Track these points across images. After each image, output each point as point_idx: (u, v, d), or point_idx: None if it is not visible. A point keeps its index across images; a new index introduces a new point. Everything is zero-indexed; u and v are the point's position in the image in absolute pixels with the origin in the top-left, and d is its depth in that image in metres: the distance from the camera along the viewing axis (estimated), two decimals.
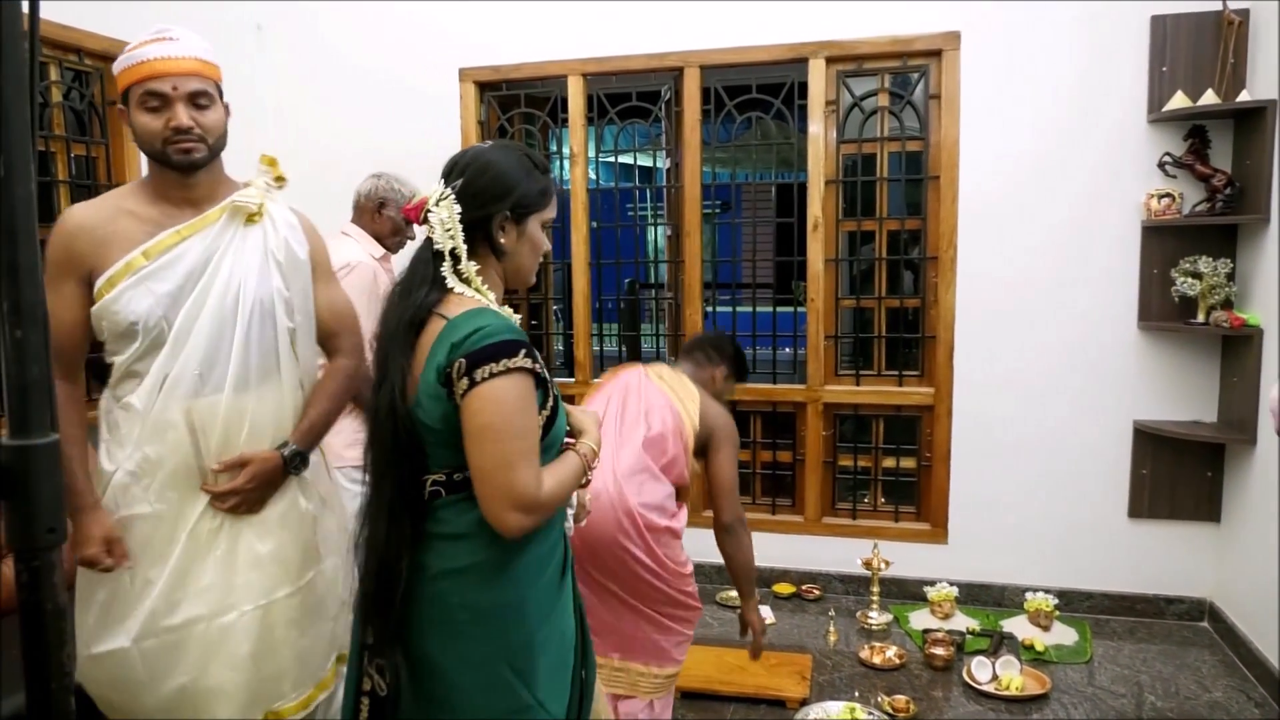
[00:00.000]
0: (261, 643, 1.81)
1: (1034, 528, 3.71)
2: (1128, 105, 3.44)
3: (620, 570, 2.40)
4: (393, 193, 3.12)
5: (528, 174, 1.55)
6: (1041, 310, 3.60)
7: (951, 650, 3.25)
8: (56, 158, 3.30)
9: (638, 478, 2.41)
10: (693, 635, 2.62)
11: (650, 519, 2.39)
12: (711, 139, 3.95)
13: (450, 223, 1.49)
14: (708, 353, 2.79)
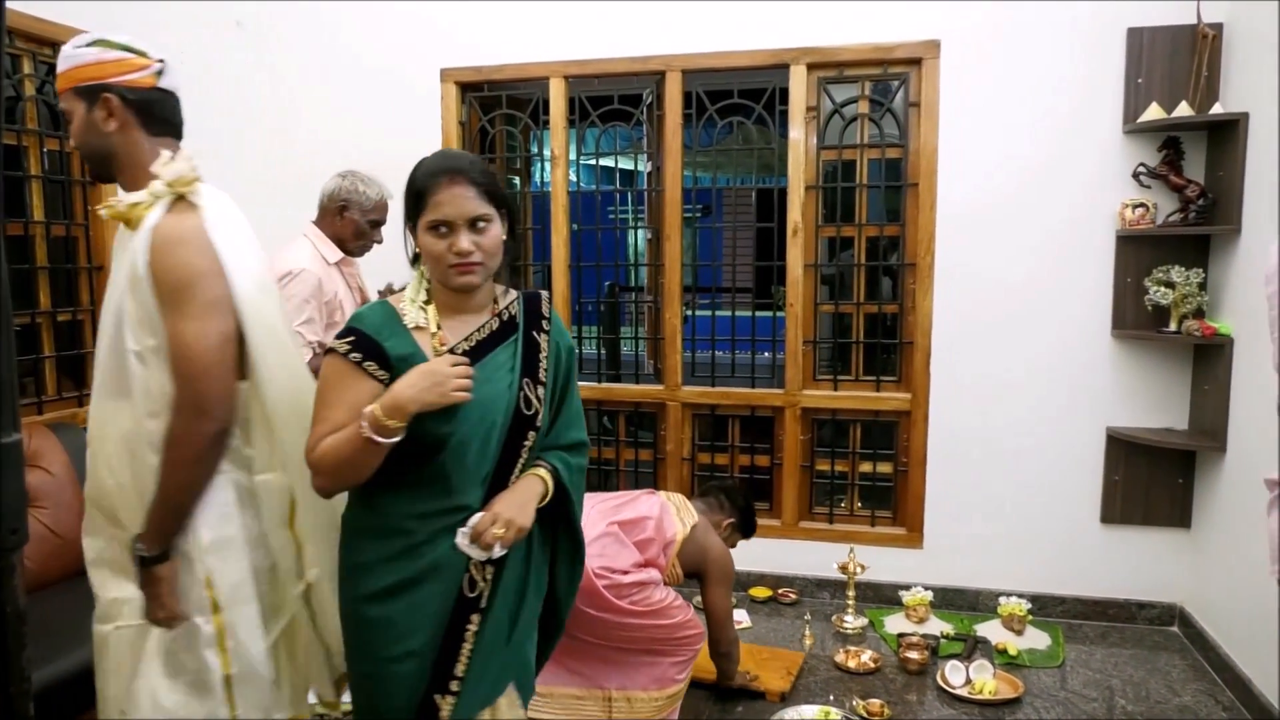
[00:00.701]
0: None
1: (1008, 533, 3.74)
2: (1104, 116, 3.48)
3: (595, 627, 2.56)
4: (356, 194, 2.96)
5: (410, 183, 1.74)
6: (1018, 317, 3.64)
7: (926, 654, 3.27)
8: (29, 152, 3.26)
9: (600, 542, 2.57)
10: (695, 656, 2.74)
11: (612, 579, 2.54)
12: (693, 143, 3.96)
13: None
14: (720, 499, 3.03)
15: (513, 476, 1.69)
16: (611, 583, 2.54)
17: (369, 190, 2.98)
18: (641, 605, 2.59)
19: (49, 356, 3.35)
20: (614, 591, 2.54)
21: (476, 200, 1.62)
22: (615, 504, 2.78)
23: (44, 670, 2.29)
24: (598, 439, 4.26)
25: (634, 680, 2.64)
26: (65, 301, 3.42)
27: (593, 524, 2.61)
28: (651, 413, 4.16)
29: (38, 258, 3.29)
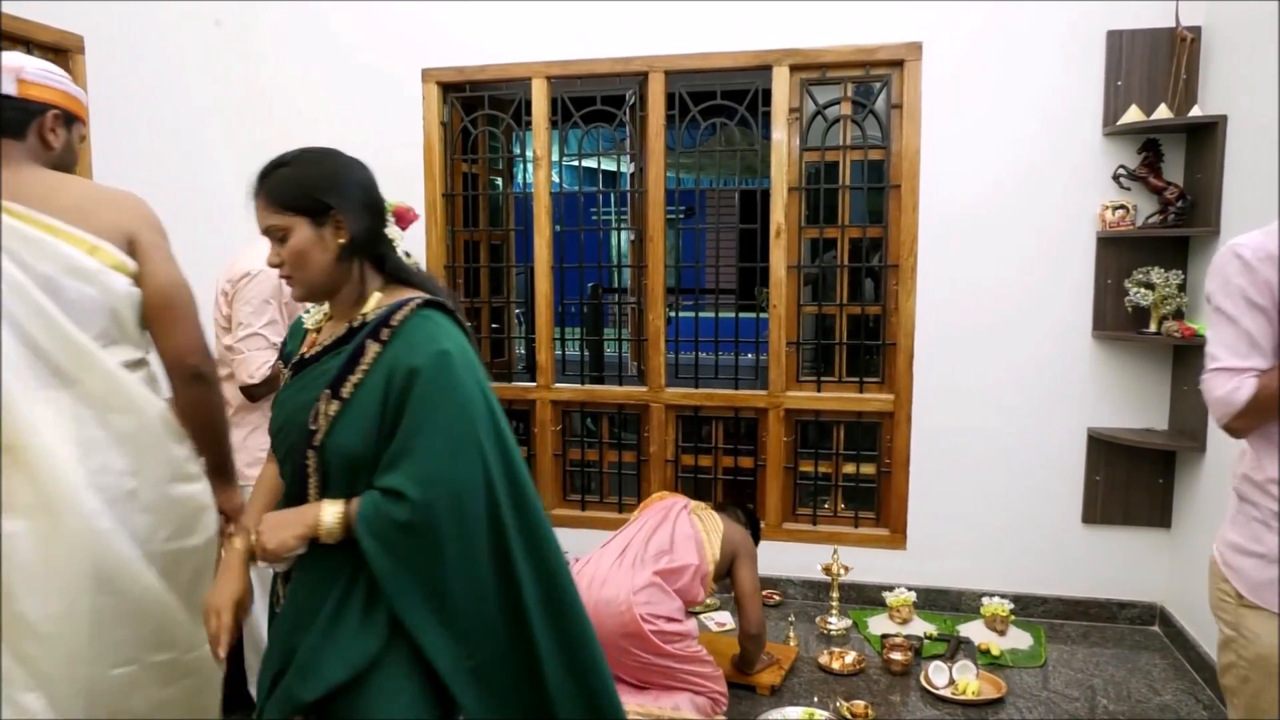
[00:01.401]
0: None
1: (991, 533, 3.75)
2: (1085, 118, 3.50)
3: (634, 665, 2.83)
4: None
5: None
6: (1000, 318, 3.65)
7: (909, 655, 3.27)
8: None
9: (647, 592, 2.82)
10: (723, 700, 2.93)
11: (657, 625, 2.79)
12: (676, 144, 3.95)
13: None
14: (736, 513, 3.29)
15: (308, 499, 1.54)
16: (658, 629, 2.79)
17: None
18: (681, 651, 2.84)
19: None
20: (660, 637, 2.79)
21: (267, 212, 1.57)
22: (656, 551, 2.97)
23: None
24: (581, 441, 4.25)
25: (681, 702, 2.85)
26: None
27: (638, 570, 2.87)
28: (635, 414, 4.15)
29: None
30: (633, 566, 2.89)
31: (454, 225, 4.21)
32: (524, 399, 4.19)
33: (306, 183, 1.56)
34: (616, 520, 4.06)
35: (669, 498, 3.25)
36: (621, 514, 4.12)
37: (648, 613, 2.78)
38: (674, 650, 2.82)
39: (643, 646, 2.79)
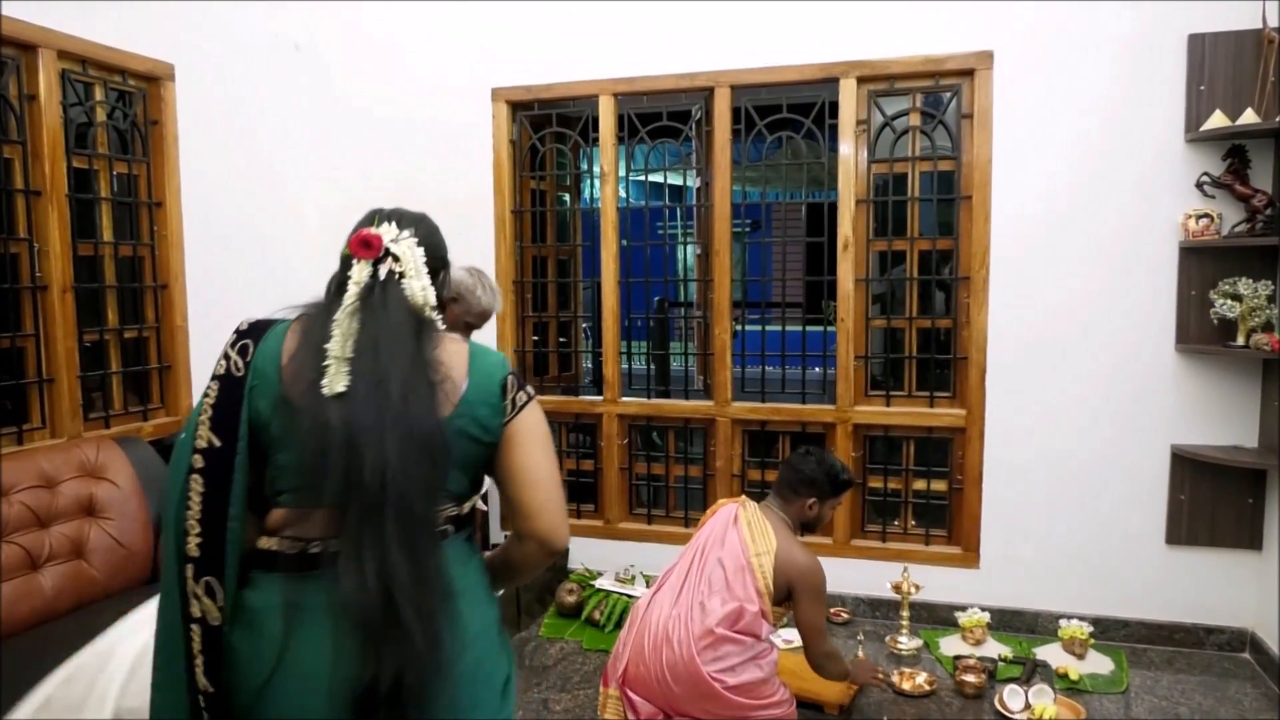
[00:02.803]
0: None
1: (1068, 553, 3.64)
2: (1164, 125, 3.39)
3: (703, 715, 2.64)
4: (472, 296, 2.97)
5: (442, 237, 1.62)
6: (1077, 332, 3.55)
7: (983, 677, 3.19)
8: (99, 176, 3.38)
9: (710, 649, 2.62)
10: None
11: (730, 681, 2.61)
12: (741, 158, 3.95)
13: (417, 266, 1.48)
14: (794, 487, 2.87)
15: None
16: (731, 684, 2.61)
17: (484, 297, 3.00)
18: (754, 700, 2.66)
19: (116, 372, 3.45)
20: (738, 692, 2.61)
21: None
22: (710, 588, 2.74)
23: None
24: (646, 455, 4.26)
25: None
26: (132, 319, 3.53)
27: (696, 617, 2.67)
28: (701, 428, 4.15)
29: (107, 277, 3.41)
30: (692, 613, 2.68)
31: (522, 241, 4.28)
32: (591, 412, 4.22)
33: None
34: (683, 535, 4.07)
35: (724, 508, 2.96)
36: (687, 529, 4.11)
37: (716, 672, 2.60)
38: (748, 703, 2.62)
39: (722, 706, 2.60)
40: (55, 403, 3.17)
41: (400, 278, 1.44)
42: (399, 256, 1.45)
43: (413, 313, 1.43)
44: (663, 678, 2.64)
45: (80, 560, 2.86)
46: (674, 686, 2.62)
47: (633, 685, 2.73)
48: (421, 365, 1.38)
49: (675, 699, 2.64)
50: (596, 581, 4.00)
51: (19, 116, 3.04)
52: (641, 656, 2.70)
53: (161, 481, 3.22)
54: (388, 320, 1.39)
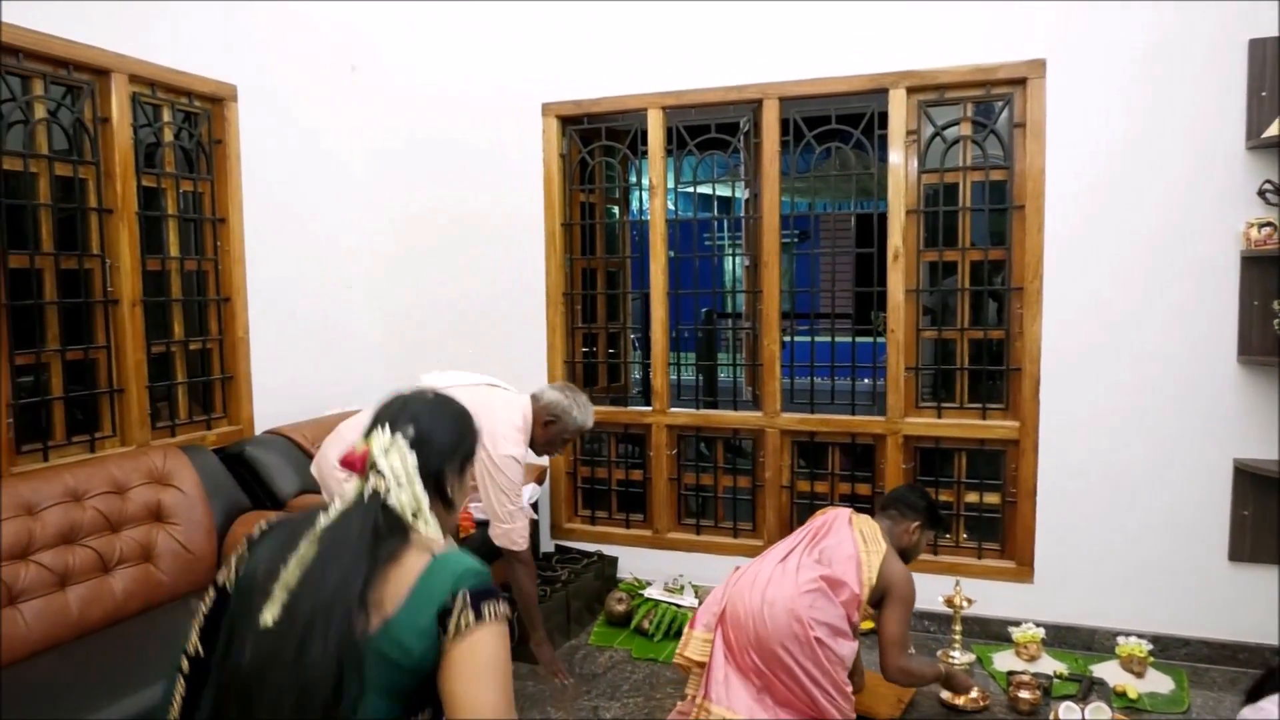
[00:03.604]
0: None
1: (1127, 569, 3.56)
2: (1224, 132, 3.32)
3: (784, 680, 2.69)
4: (569, 417, 3.09)
5: (470, 419, 1.57)
6: (1134, 342, 3.48)
7: (1038, 694, 3.14)
8: (166, 193, 3.51)
9: (811, 595, 2.73)
10: None
11: (819, 634, 2.69)
12: (790, 169, 3.96)
13: (408, 475, 1.40)
14: (901, 509, 3.06)
15: None
16: (819, 636, 2.68)
17: (579, 417, 3.11)
18: (834, 674, 2.71)
19: (181, 383, 3.57)
20: (820, 646, 2.68)
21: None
22: (818, 559, 2.87)
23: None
24: (695, 465, 4.27)
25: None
26: (196, 331, 3.65)
27: (803, 569, 2.79)
28: (750, 439, 4.15)
29: (173, 291, 3.53)
30: (796, 570, 2.80)
31: (572, 253, 4.33)
32: (640, 423, 4.25)
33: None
34: (731, 545, 4.07)
35: (835, 510, 3.09)
36: (736, 539, 4.11)
37: (812, 617, 2.68)
38: (828, 669, 2.68)
39: (804, 654, 2.67)
40: (125, 412, 3.29)
41: (385, 494, 1.38)
42: (383, 473, 1.39)
43: (379, 532, 1.35)
44: (759, 614, 2.71)
45: (149, 564, 2.97)
46: (768, 623, 2.68)
47: (728, 623, 2.80)
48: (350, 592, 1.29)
49: (765, 637, 2.68)
50: (645, 591, 4.02)
51: (93, 139, 3.18)
52: (741, 596, 2.78)
53: (225, 488, 3.33)
54: (344, 547, 1.33)
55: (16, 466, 2.90)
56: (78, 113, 3.14)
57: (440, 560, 1.36)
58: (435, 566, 1.35)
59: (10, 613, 2.56)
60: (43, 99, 3.02)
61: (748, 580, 2.84)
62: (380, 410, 1.49)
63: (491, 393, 3.05)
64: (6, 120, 2.92)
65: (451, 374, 3.12)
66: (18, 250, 2.95)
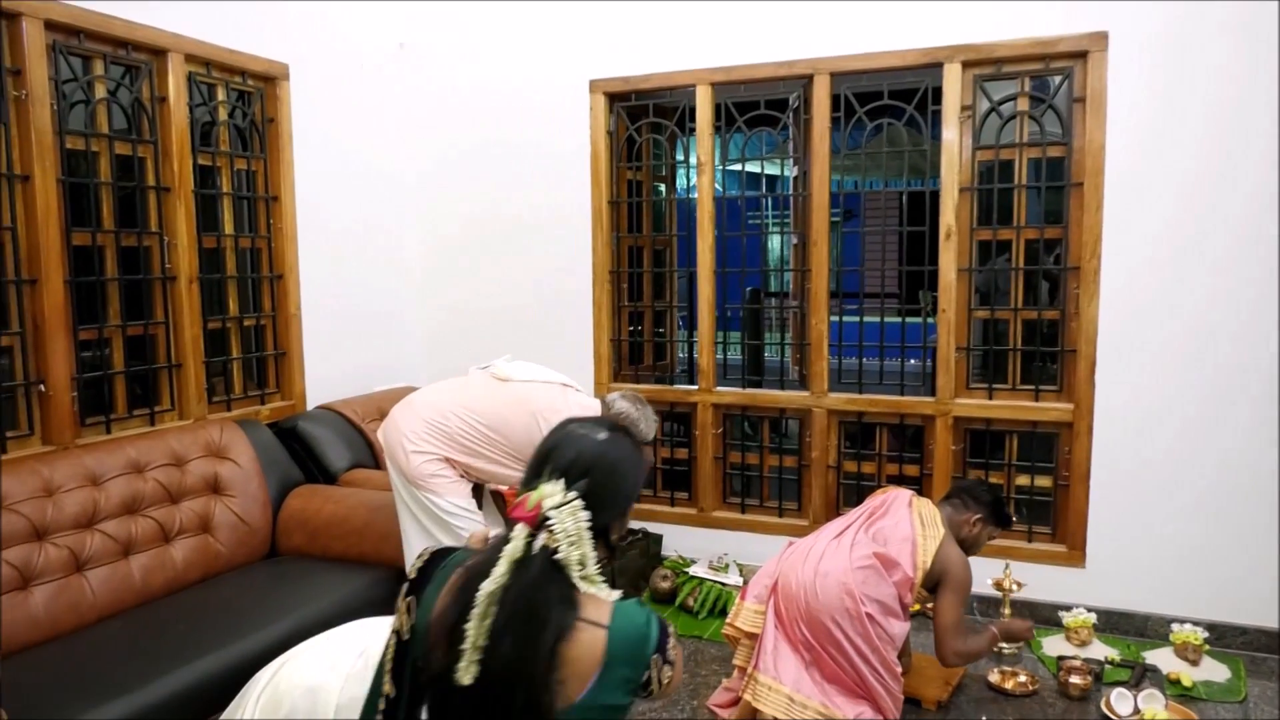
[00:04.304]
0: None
1: (1182, 555, 3.49)
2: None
3: (833, 655, 2.72)
4: (636, 430, 2.97)
5: (641, 462, 1.56)
6: (1193, 326, 3.39)
7: (1089, 679, 3.09)
8: (221, 172, 3.56)
9: (864, 572, 2.75)
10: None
11: (870, 610, 2.70)
12: (841, 146, 3.90)
13: (579, 535, 1.38)
14: (965, 500, 3.03)
15: None
16: (870, 613, 2.70)
17: (647, 430, 3.08)
18: (883, 652, 2.72)
19: (236, 358, 3.64)
20: (871, 623, 2.70)
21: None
22: (871, 535, 2.87)
23: (230, 649, 2.49)
24: (741, 445, 4.26)
25: (863, 715, 2.73)
26: (251, 308, 3.72)
27: (858, 546, 2.81)
28: (795, 419, 4.12)
29: (228, 268, 3.59)
30: (851, 547, 2.81)
31: (619, 231, 4.32)
32: (685, 401, 4.25)
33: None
34: (777, 524, 4.06)
35: (895, 490, 3.08)
36: (781, 518, 4.10)
37: (864, 593, 2.70)
38: (877, 645, 2.70)
39: (854, 629, 2.69)
40: (183, 386, 3.36)
41: (555, 551, 1.37)
42: (554, 530, 1.38)
43: (558, 590, 1.37)
44: (811, 586, 2.73)
45: (207, 534, 3.05)
46: (820, 595, 2.71)
47: (780, 595, 2.82)
48: (547, 665, 1.33)
49: (816, 610, 2.71)
50: (690, 569, 4.03)
51: (151, 118, 3.23)
52: (794, 569, 2.81)
53: (279, 462, 3.40)
54: (526, 607, 1.34)
55: (81, 438, 2.98)
56: (136, 92, 3.19)
57: (617, 635, 1.38)
58: (615, 647, 1.37)
59: (77, 579, 2.64)
60: (103, 79, 3.07)
61: (801, 553, 2.86)
62: (551, 452, 1.48)
63: (566, 394, 3.03)
64: (69, 100, 2.98)
65: (523, 366, 3.10)
66: (80, 228, 3.02)
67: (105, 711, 2.14)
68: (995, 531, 3.06)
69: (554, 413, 2.81)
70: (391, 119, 4.39)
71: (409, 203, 4.51)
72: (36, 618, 2.50)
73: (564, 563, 1.37)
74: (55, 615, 2.54)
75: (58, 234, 2.90)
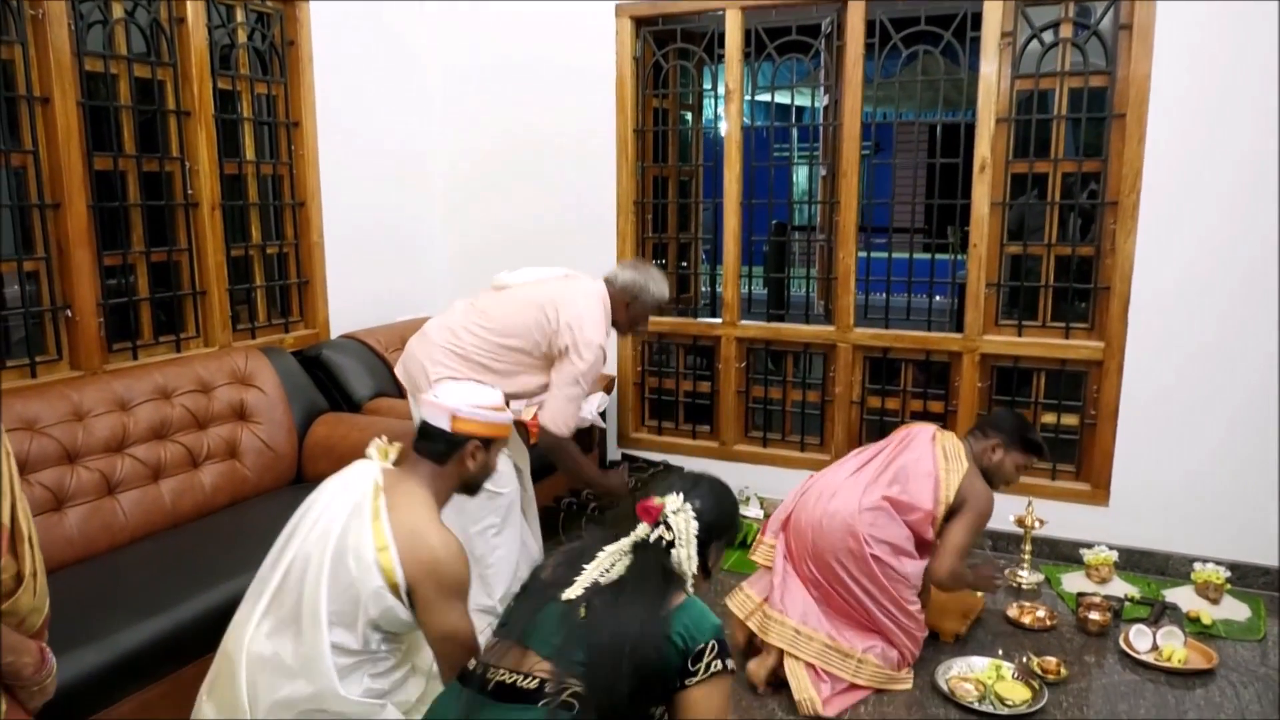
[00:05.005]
0: None
1: (1207, 495, 3.47)
2: None
3: (842, 594, 2.75)
4: (647, 294, 2.96)
5: (736, 510, 1.92)
6: (1234, 263, 3.30)
7: (1108, 616, 3.11)
8: (241, 96, 3.50)
9: (873, 514, 2.75)
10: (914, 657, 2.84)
11: (877, 551, 2.71)
12: (874, 75, 3.78)
13: (688, 536, 1.69)
14: (986, 429, 3.01)
15: None
16: (877, 555, 2.71)
17: (659, 289, 2.99)
18: (893, 591, 2.73)
19: (259, 286, 3.64)
20: (878, 564, 2.71)
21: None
22: (892, 477, 2.85)
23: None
24: (764, 379, 4.24)
25: (874, 649, 2.76)
26: (273, 235, 3.70)
27: (869, 491, 2.80)
28: (821, 354, 4.09)
29: (250, 194, 3.56)
30: (865, 486, 2.81)
31: (644, 160, 4.24)
32: (709, 335, 4.22)
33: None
34: (799, 459, 4.06)
35: (919, 425, 3.05)
36: (803, 453, 4.10)
37: (870, 534, 2.70)
38: (885, 586, 2.71)
39: (859, 569, 2.70)
40: (208, 314, 3.37)
41: (669, 545, 1.68)
42: (672, 527, 1.69)
43: (664, 576, 1.67)
44: (819, 525, 2.76)
45: (235, 460, 3.08)
46: (825, 535, 2.73)
47: (791, 530, 2.86)
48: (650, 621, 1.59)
49: (821, 549, 2.74)
50: None
51: (170, 39, 3.17)
52: (806, 505, 2.84)
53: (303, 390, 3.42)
54: (637, 578, 1.65)
55: (109, 364, 3.00)
56: (154, 13, 3.12)
57: (693, 601, 1.66)
58: (690, 604, 1.65)
59: (109, 502, 2.69)
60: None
61: (816, 490, 2.86)
62: (675, 480, 1.80)
63: (569, 282, 2.97)
64: (86, 21, 2.92)
65: (525, 270, 3.07)
66: (101, 152, 2.99)
67: (140, 630, 2.19)
68: (1022, 459, 2.98)
69: (561, 302, 2.81)
70: (414, 41, 4.29)
71: (432, 128, 4.44)
72: (71, 538, 2.54)
73: (674, 558, 1.67)
74: (89, 536, 2.59)
75: (79, 158, 2.87)
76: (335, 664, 1.75)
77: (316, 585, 1.77)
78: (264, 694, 1.79)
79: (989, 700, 2.66)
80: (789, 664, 2.72)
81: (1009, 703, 2.64)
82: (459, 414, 1.92)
